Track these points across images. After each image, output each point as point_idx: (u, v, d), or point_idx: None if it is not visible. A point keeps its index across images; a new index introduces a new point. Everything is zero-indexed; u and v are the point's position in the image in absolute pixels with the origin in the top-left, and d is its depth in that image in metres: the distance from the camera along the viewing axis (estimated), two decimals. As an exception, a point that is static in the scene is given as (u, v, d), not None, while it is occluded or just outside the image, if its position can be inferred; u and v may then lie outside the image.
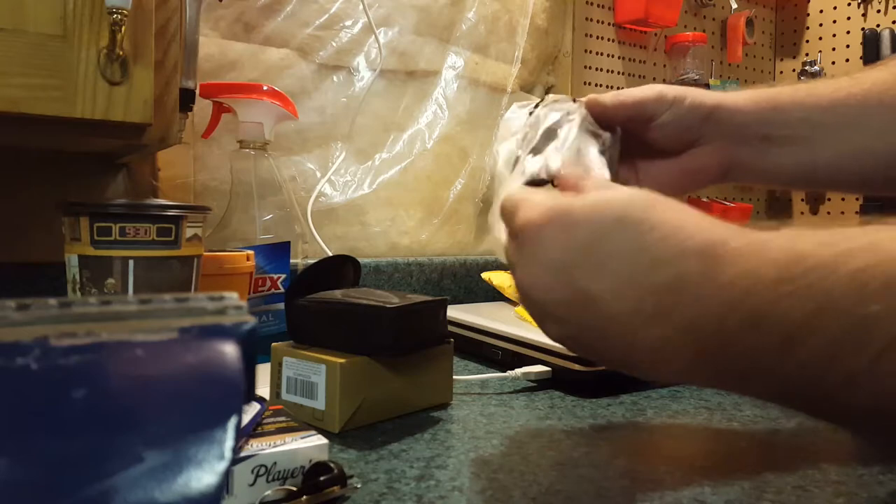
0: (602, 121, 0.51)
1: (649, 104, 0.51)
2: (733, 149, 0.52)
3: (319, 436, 0.43)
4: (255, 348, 0.25)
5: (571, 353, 0.65)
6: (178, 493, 0.20)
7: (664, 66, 1.47)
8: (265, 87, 0.80)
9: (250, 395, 0.26)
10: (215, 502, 0.21)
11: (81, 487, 0.19)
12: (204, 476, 0.21)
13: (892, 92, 0.49)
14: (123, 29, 0.54)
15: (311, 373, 0.53)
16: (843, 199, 1.38)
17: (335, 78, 1.03)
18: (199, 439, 0.21)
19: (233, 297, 0.27)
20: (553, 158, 0.48)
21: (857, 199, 1.34)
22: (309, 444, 0.41)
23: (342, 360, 0.51)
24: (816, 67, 1.51)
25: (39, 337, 0.21)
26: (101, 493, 0.20)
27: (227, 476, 0.21)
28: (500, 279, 0.97)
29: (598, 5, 1.36)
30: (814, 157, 0.51)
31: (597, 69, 1.37)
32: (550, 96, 0.54)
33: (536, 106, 0.54)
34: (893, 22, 1.39)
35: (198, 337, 0.24)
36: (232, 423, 0.22)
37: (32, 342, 0.21)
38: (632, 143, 0.53)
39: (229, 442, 0.21)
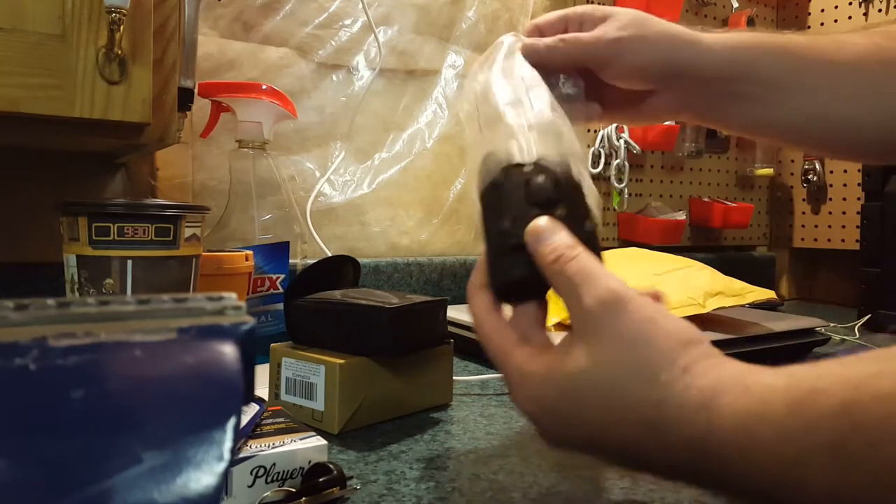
0: (542, 67, 0.45)
1: (602, 51, 0.47)
2: (692, 97, 0.49)
3: (318, 437, 0.42)
4: (253, 349, 0.25)
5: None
6: (176, 494, 0.20)
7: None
8: (264, 87, 0.80)
9: (249, 396, 0.26)
10: (214, 503, 0.21)
11: (80, 488, 0.19)
12: (203, 477, 0.21)
13: (870, 61, 0.48)
14: (122, 28, 0.54)
15: (311, 373, 0.52)
16: (844, 200, 1.38)
17: (334, 77, 1.03)
18: (198, 440, 0.21)
19: (231, 297, 0.27)
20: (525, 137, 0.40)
21: (857, 199, 1.34)
22: (308, 445, 0.41)
23: (341, 361, 0.51)
24: (817, 67, 1.51)
25: (38, 337, 0.21)
26: (100, 493, 0.19)
27: (226, 477, 0.21)
28: None
29: (599, 4, 1.35)
30: (777, 115, 0.49)
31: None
32: (503, 39, 0.47)
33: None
34: (894, 21, 1.39)
35: (196, 337, 0.24)
36: (231, 424, 0.22)
37: (31, 343, 0.21)
38: (594, 85, 0.49)
39: (228, 443, 0.21)
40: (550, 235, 0.35)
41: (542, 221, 0.36)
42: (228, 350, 0.23)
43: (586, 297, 0.32)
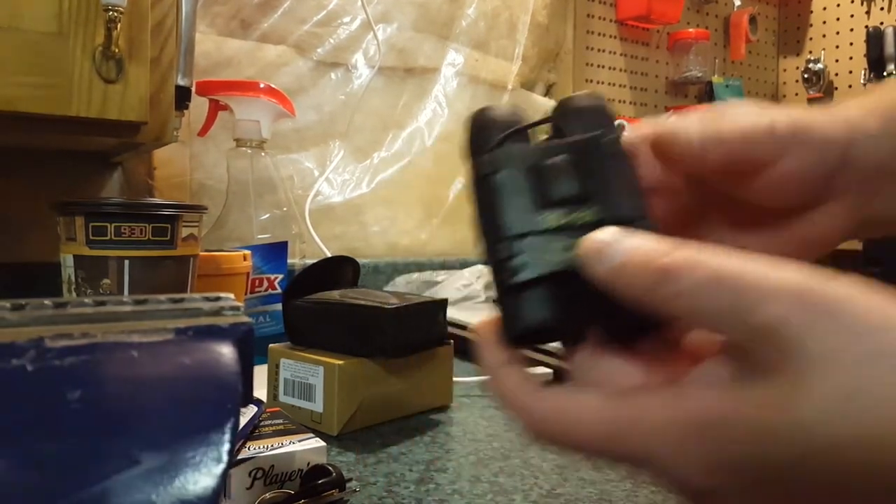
0: (671, 167, 0.30)
1: (759, 143, 0.30)
2: (867, 199, 0.33)
3: (317, 438, 0.42)
4: (252, 349, 0.24)
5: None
6: (174, 497, 0.20)
7: (666, 63, 1.46)
8: (262, 85, 0.79)
9: (248, 397, 0.26)
10: (213, 505, 0.21)
11: (76, 490, 0.19)
12: (201, 479, 0.20)
13: None
14: (119, 26, 0.54)
15: (309, 374, 0.52)
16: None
17: (333, 75, 1.03)
18: (196, 442, 0.21)
19: (229, 297, 0.26)
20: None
21: None
22: (307, 447, 0.41)
23: (340, 362, 0.51)
24: (819, 65, 1.51)
25: (35, 338, 0.21)
26: (97, 495, 0.19)
27: (225, 479, 0.21)
28: None
29: (600, 2, 1.35)
30: None
31: (598, 66, 1.36)
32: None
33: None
34: None
35: (194, 338, 0.23)
36: (229, 426, 0.22)
37: (27, 343, 0.21)
38: (707, 198, 0.33)
39: (227, 444, 0.21)
40: (618, 247, 0.23)
41: (604, 235, 0.24)
42: (226, 351, 0.23)
43: (763, 309, 0.21)
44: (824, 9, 1.53)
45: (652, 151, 0.30)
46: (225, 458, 0.21)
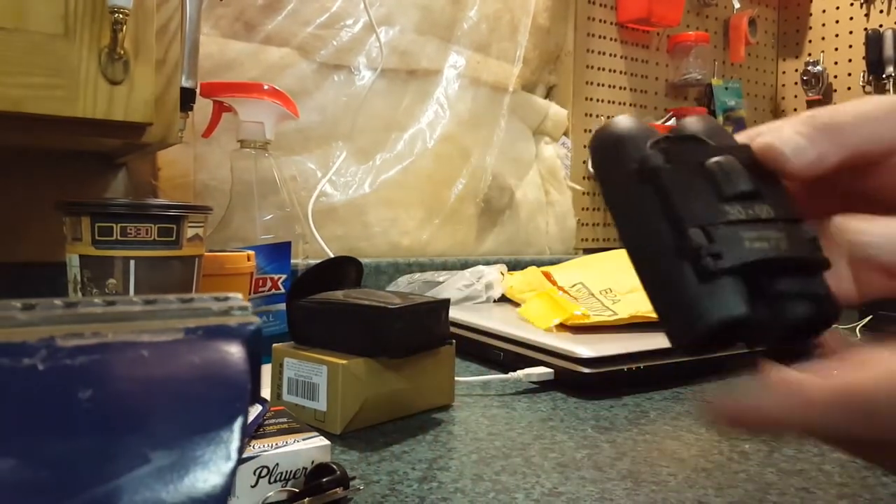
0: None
1: (889, 127, 0.28)
2: None
3: (321, 437, 0.42)
4: (260, 349, 0.25)
5: (573, 354, 0.65)
6: (184, 494, 0.20)
7: (666, 65, 1.47)
8: (266, 87, 0.80)
9: (256, 396, 0.26)
10: (222, 503, 0.21)
11: (88, 488, 0.19)
12: (210, 477, 0.21)
13: None
14: (125, 28, 0.54)
15: (313, 374, 0.52)
16: None
17: (336, 77, 1.03)
18: (206, 440, 0.21)
19: (238, 297, 0.27)
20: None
21: None
22: (311, 446, 0.41)
23: (344, 361, 0.51)
24: (819, 68, 1.51)
25: (45, 337, 0.21)
26: (108, 493, 0.20)
27: (233, 477, 0.21)
28: (532, 313, 0.81)
29: (601, 4, 1.36)
30: None
31: (599, 68, 1.37)
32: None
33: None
34: None
35: (203, 337, 0.24)
36: (238, 424, 0.22)
37: (38, 343, 0.21)
38: (822, 194, 0.30)
39: (235, 443, 0.21)
40: None
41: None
42: (235, 350, 0.24)
43: None
44: (823, 11, 1.53)
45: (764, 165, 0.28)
46: (234, 456, 0.21)
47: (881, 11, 1.42)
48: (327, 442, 0.42)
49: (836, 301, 0.26)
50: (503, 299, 0.97)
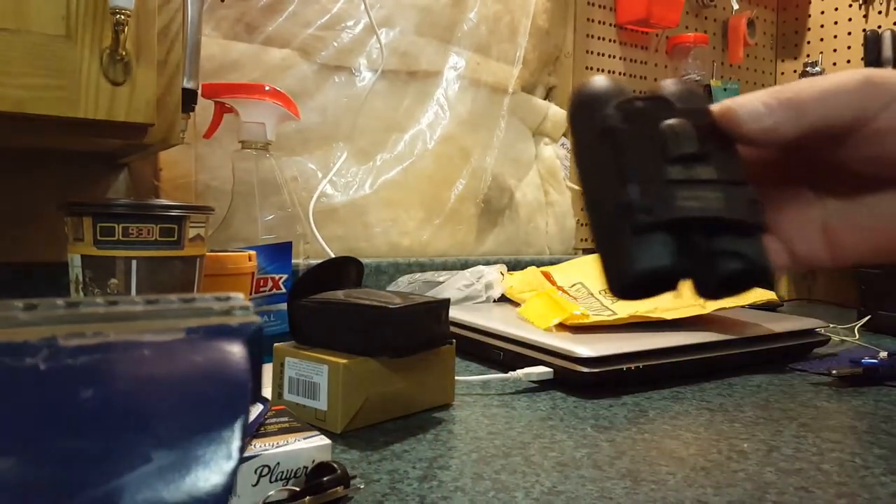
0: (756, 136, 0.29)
1: (854, 101, 0.28)
2: None
3: (322, 436, 0.43)
4: (261, 348, 0.25)
5: (572, 354, 0.65)
6: (185, 493, 0.20)
7: (665, 66, 1.47)
8: (267, 88, 0.80)
9: (257, 396, 0.26)
10: (223, 502, 0.21)
11: (90, 487, 0.20)
12: (212, 476, 0.21)
13: None
14: (126, 29, 0.54)
15: (313, 373, 0.53)
16: None
17: (336, 78, 1.03)
18: (207, 439, 0.21)
19: (239, 297, 0.27)
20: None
21: None
22: (312, 445, 0.42)
23: (344, 361, 0.51)
24: (818, 68, 1.51)
25: (48, 337, 0.21)
26: (110, 492, 0.20)
27: (234, 476, 0.21)
28: (532, 313, 0.81)
29: (600, 6, 1.36)
30: None
31: (598, 70, 1.37)
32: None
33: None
34: (895, 23, 1.40)
35: (205, 337, 0.24)
36: (239, 423, 0.22)
37: (41, 342, 0.21)
38: (792, 161, 0.32)
39: (237, 442, 0.22)
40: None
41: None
42: (237, 350, 0.24)
43: None
44: (822, 12, 1.53)
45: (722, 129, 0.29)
46: (235, 455, 0.21)
47: (880, 12, 1.42)
48: (328, 441, 0.42)
49: (766, 261, 0.28)
50: (503, 299, 0.97)
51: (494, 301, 0.97)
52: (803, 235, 0.31)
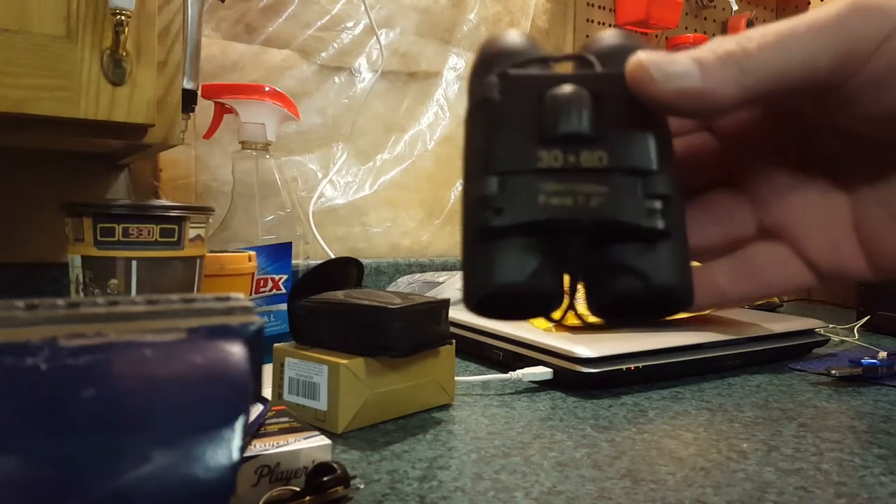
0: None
1: (835, 39, 0.20)
2: None
3: (322, 436, 0.43)
4: (261, 348, 0.25)
5: (572, 354, 0.65)
6: (186, 493, 0.20)
7: (664, 67, 1.47)
8: (267, 88, 0.80)
9: (257, 395, 0.26)
10: (223, 501, 0.21)
11: (90, 486, 0.20)
12: (212, 476, 0.21)
13: None
14: (127, 30, 0.54)
15: (313, 373, 0.53)
16: None
17: (336, 79, 1.03)
18: (208, 439, 0.21)
19: (240, 297, 0.27)
20: None
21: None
22: (312, 445, 0.42)
23: (344, 361, 0.51)
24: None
25: (49, 337, 0.22)
26: (111, 492, 0.20)
27: (235, 475, 0.21)
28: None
29: (599, 7, 1.36)
30: None
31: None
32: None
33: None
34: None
35: (206, 337, 0.24)
36: (240, 423, 0.22)
37: (42, 342, 0.21)
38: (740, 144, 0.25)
39: (237, 441, 0.22)
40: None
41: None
42: (237, 350, 0.24)
43: None
44: (824, 12, 1.53)
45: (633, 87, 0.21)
46: (235, 455, 0.21)
47: (880, 13, 1.42)
48: (328, 441, 0.42)
49: (675, 280, 0.21)
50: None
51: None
52: (827, 239, 0.23)
